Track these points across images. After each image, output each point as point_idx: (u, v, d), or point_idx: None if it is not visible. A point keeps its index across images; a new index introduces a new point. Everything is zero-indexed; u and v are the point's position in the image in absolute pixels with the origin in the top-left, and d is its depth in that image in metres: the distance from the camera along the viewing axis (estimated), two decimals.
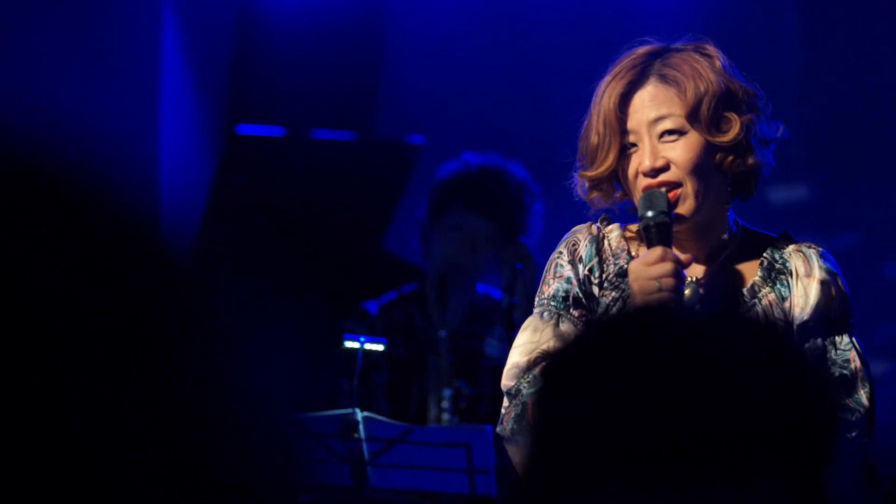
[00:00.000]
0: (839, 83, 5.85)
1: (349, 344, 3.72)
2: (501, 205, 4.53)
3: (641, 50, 2.73)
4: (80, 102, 5.22)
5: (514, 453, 2.69)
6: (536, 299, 2.78)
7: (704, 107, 2.65)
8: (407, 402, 4.50)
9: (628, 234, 2.77)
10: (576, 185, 2.77)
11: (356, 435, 3.68)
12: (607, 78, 2.71)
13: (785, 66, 5.87)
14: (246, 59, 5.92)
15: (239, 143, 5.67)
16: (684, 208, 2.66)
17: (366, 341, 3.72)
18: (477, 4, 6.01)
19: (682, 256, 2.61)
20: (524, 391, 2.65)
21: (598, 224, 2.78)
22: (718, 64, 2.70)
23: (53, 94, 5.21)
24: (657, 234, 2.61)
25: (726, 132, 2.67)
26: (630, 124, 2.68)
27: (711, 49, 2.73)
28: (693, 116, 2.65)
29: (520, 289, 4.12)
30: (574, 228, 2.79)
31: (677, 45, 2.75)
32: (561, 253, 2.76)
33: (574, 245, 2.75)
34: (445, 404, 4.38)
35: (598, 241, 2.75)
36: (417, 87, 6.01)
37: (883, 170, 5.81)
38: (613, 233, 2.77)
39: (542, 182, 4.77)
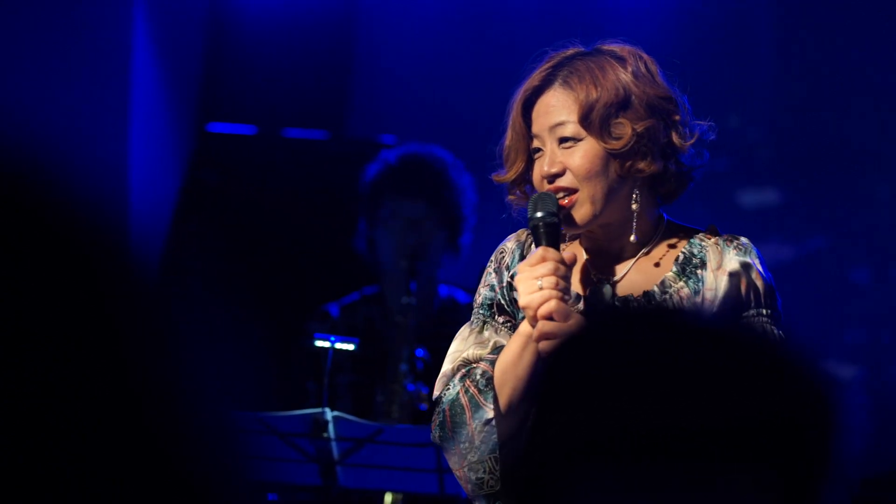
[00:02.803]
0: (810, 87, 5.88)
1: (320, 343, 3.72)
2: (429, 184, 4.60)
3: (560, 55, 2.78)
4: (50, 100, 5.21)
5: (448, 459, 2.75)
6: (473, 308, 2.84)
7: (595, 113, 2.69)
8: (370, 402, 4.50)
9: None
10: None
11: (326, 434, 3.68)
12: (524, 81, 2.78)
13: (757, 69, 5.89)
14: (218, 56, 5.91)
15: (210, 141, 5.66)
16: (579, 214, 2.71)
17: (336, 340, 3.72)
18: (448, 4, 6.02)
19: (566, 255, 2.66)
20: (443, 399, 2.73)
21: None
22: (627, 67, 2.73)
23: (22, 92, 5.19)
24: (544, 234, 2.67)
25: (618, 139, 2.70)
26: (534, 129, 2.75)
27: (626, 53, 2.76)
28: (585, 122, 2.70)
29: None
30: (508, 236, 2.85)
31: (599, 46, 2.79)
32: (491, 262, 2.83)
33: (501, 253, 2.82)
34: (404, 366, 4.39)
35: (523, 248, 2.81)
36: (389, 86, 6.01)
37: (852, 175, 5.85)
38: None
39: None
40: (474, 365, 2.73)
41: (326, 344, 3.71)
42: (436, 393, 2.77)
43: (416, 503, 4.17)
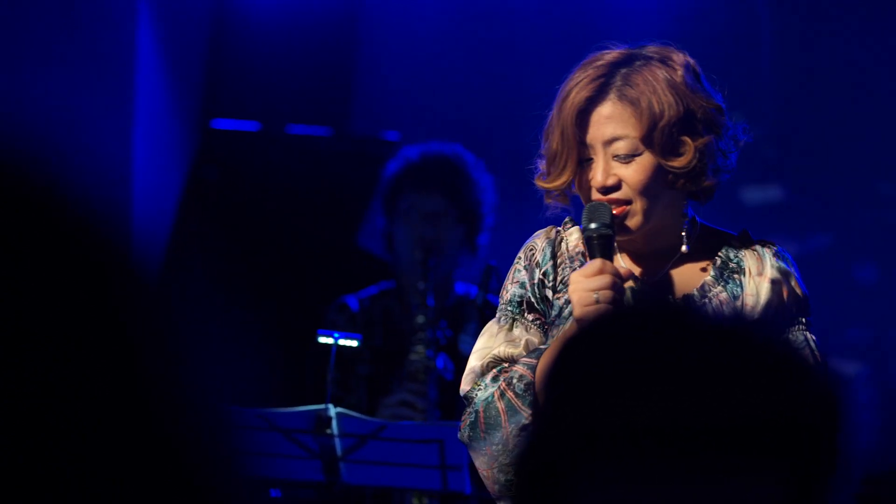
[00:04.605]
0: (813, 84, 5.88)
1: (323, 339, 3.72)
2: (449, 179, 4.61)
3: (606, 57, 2.72)
4: (54, 97, 5.21)
5: (474, 458, 2.73)
6: (499, 304, 2.81)
7: (659, 132, 2.66)
8: (385, 395, 4.50)
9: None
10: (537, 172, 2.80)
11: (329, 431, 3.68)
12: (570, 84, 2.71)
13: (759, 66, 5.89)
14: (221, 53, 5.91)
15: (214, 138, 5.66)
16: (632, 223, 2.69)
17: (340, 337, 3.72)
18: (452, 2, 6.01)
19: (622, 269, 2.65)
20: (476, 398, 2.70)
21: (560, 228, 2.81)
22: (681, 77, 2.68)
23: (25, 90, 5.19)
24: (599, 246, 2.65)
25: (680, 157, 2.67)
26: (587, 138, 2.69)
27: (676, 59, 2.71)
28: (647, 140, 2.66)
29: (494, 285, 4.14)
30: (536, 233, 2.83)
31: (644, 49, 2.73)
32: (519, 258, 2.80)
33: (531, 250, 2.79)
34: (420, 344, 4.40)
35: (554, 245, 2.78)
36: (392, 83, 6.01)
37: (856, 172, 5.84)
38: (573, 235, 2.80)
39: (516, 180, 4.79)
40: (507, 365, 2.70)
41: (330, 340, 3.71)
42: (464, 389, 2.73)
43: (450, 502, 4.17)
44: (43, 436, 0.82)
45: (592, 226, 2.65)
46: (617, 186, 2.68)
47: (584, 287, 2.60)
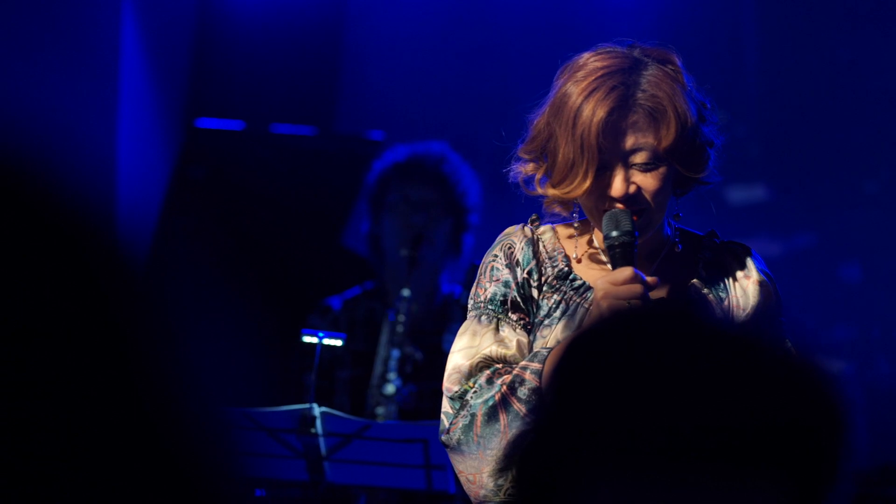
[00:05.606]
0: (798, 84, 5.89)
1: (307, 339, 3.72)
2: (435, 171, 4.63)
3: (610, 62, 2.68)
4: (38, 96, 5.19)
5: (458, 461, 2.67)
6: (471, 302, 2.77)
7: (684, 141, 2.65)
8: (367, 398, 4.51)
9: (561, 236, 2.79)
10: (514, 172, 2.76)
11: (313, 430, 3.67)
12: (579, 94, 2.66)
13: (743, 66, 5.90)
14: (206, 52, 5.91)
15: (198, 137, 5.65)
16: (646, 229, 2.69)
17: (324, 336, 3.72)
18: (437, 1, 6.01)
19: (649, 279, 2.64)
20: (472, 402, 2.65)
21: (530, 226, 2.79)
22: (684, 80, 2.68)
23: (10, 89, 5.18)
24: (622, 254, 2.63)
25: (699, 166, 2.69)
26: (606, 147, 2.66)
27: (673, 60, 2.70)
28: (672, 153, 2.65)
29: None
30: (506, 231, 2.79)
31: (636, 50, 2.71)
32: (497, 256, 2.76)
33: (510, 248, 2.76)
34: (392, 364, 4.40)
35: (533, 244, 2.76)
36: (377, 82, 6.01)
37: (840, 171, 5.86)
38: (546, 234, 2.78)
39: (500, 181, 4.80)
40: (500, 367, 2.66)
41: (314, 340, 3.71)
42: (450, 388, 2.68)
43: (408, 500, 4.17)
44: (24, 432, 0.82)
45: (614, 233, 2.63)
46: (637, 194, 2.66)
47: (615, 295, 2.58)
